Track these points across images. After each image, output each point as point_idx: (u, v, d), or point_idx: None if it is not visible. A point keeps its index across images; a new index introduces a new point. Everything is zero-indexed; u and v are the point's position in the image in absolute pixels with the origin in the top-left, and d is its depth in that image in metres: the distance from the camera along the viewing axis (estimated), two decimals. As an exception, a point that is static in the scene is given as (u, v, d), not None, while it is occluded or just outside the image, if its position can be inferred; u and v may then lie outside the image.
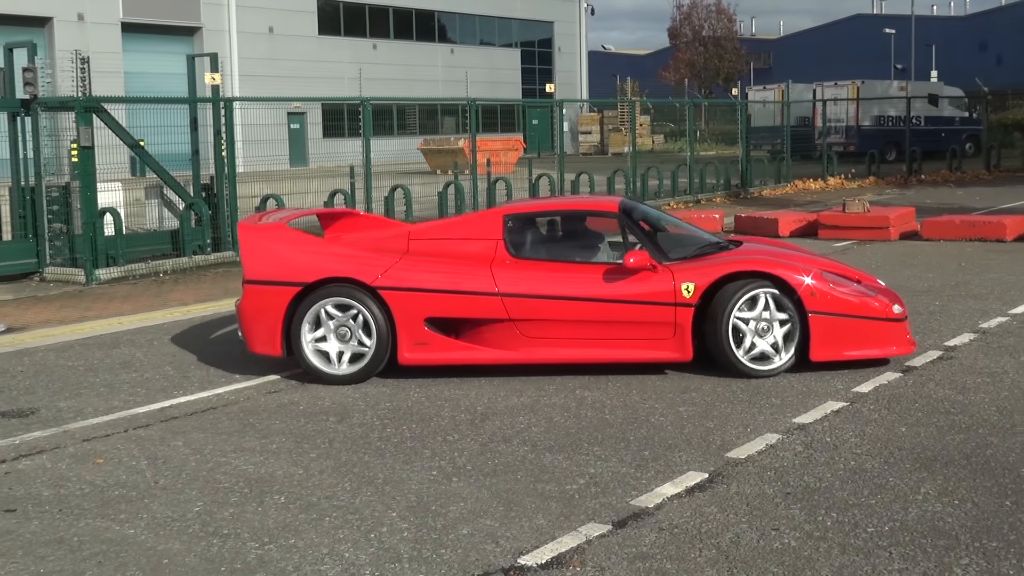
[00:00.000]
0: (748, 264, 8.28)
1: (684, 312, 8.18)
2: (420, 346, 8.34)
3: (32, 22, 38.74)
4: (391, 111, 47.69)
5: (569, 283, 8.33)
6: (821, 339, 8.16)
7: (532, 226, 9.01)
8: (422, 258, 8.59)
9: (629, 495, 5.77)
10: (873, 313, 8.27)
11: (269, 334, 8.46)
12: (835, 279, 8.44)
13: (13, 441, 7.07)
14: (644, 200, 24.34)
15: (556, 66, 63.11)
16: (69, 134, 14.94)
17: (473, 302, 8.32)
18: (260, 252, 8.67)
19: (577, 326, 8.30)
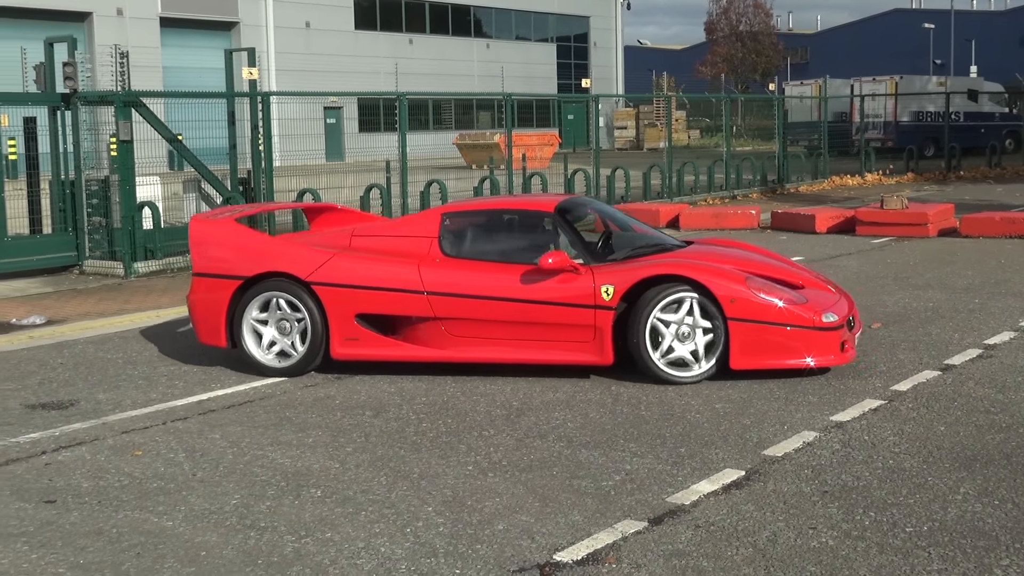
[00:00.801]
0: (669, 268, 8.05)
1: (604, 315, 8.00)
2: (351, 341, 8.44)
3: (72, 17, 39.03)
4: (427, 106, 47.81)
5: (492, 283, 8.28)
6: (741, 347, 7.85)
7: (468, 225, 8.91)
8: (359, 254, 8.68)
9: (665, 492, 5.75)
10: (798, 321, 7.87)
11: (214, 325, 8.71)
12: (767, 285, 8.06)
13: (53, 433, 7.14)
14: (670, 196, 24.25)
15: (592, 61, 62.94)
16: (108, 128, 15.06)
17: (400, 299, 8.37)
18: (207, 246, 8.92)
19: (500, 326, 8.25)
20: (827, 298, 8.41)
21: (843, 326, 8.11)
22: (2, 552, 5.13)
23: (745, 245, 9.58)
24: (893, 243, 16.41)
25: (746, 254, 9.04)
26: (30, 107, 15.09)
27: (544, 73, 59.05)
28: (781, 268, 8.81)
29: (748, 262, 8.67)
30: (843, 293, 8.81)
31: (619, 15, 65.26)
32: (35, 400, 8.03)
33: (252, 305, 8.59)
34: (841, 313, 8.19)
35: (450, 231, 8.76)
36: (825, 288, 8.69)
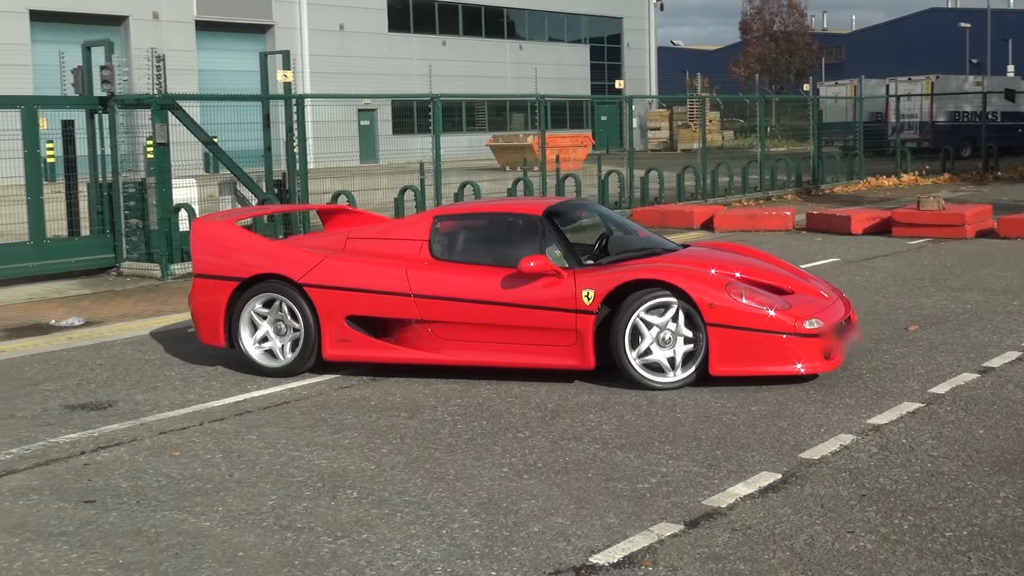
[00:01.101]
0: (648, 272, 7.98)
1: (584, 319, 7.95)
2: (343, 343, 8.52)
3: (109, 21, 39.38)
4: (460, 108, 47.91)
5: (477, 286, 8.29)
6: (720, 352, 7.74)
7: (458, 229, 8.90)
8: (351, 256, 8.75)
9: (701, 495, 5.73)
10: (777, 327, 7.74)
11: (213, 326, 8.87)
12: (749, 290, 7.91)
13: (92, 433, 7.20)
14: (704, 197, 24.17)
15: (625, 62, 62.85)
16: (145, 131, 15.18)
17: (389, 302, 8.43)
18: (207, 248, 9.10)
19: (484, 330, 8.27)
20: (815, 304, 8.16)
21: (828, 333, 7.92)
22: (43, 551, 5.18)
23: (747, 250, 9.38)
24: (930, 244, 16.29)
25: (741, 259, 8.85)
26: (68, 110, 15.23)
27: (577, 74, 59.02)
28: (773, 273, 8.62)
29: (739, 267, 8.47)
30: (840, 299, 8.57)
31: (652, 16, 65.13)
32: (74, 401, 8.10)
33: (248, 306, 8.72)
34: (829, 319, 7.99)
35: (440, 234, 8.78)
36: (817, 294, 8.44)
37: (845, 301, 8.64)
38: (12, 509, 5.77)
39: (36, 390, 8.46)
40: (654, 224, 19.83)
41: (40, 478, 6.28)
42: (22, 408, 7.90)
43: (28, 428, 7.36)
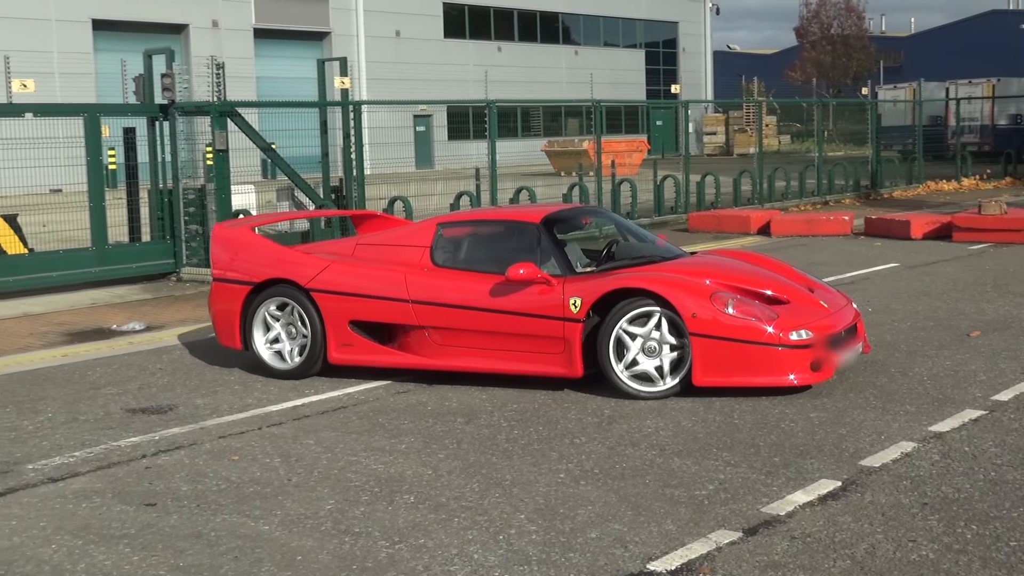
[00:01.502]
0: (632, 281, 7.92)
1: (572, 327, 7.94)
2: (346, 347, 8.69)
3: (169, 29, 39.89)
4: (515, 113, 47.93)
5: (471, 293, 8.35)
6: (703, 362, 7.64)
7: (459, 236, 8.98)
8: (357, 262, 8.95)
9: (760, 502, 5.69)
10: (761, 338, 7.60)
11: (229, 328, 9.13)
12: (738, 300, 7.76)
13: (153, 437, 7.28)
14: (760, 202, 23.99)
15: (681, 66, 62.62)
16: (204, 138, 15.34)
17: (388, 307, 8.55)
18: (225, 253, 9.37)
19: (478, 336, 8.33)
20: (808, 314, 7.97)
21: (818, 345, 7.76)
22: (105, 553, 5.25)
23: (758, 259, 9.16)
24: (991, 249, 16.06)
25: (744, 268, 8.68)
26: (130, 118, 15.45)
27: (632, 79, 58.88)
28: (772, 282, 8.39)
29: (737, 276, 8.33)
30: (844, 310, 8.38)
31: (708, 20, 64.84)
32: (135, 404, 8.20)
33: (260, 310, 8.95)
34: (821, 330, 7.82)
35: (442, 241, 8.88)
36: (815, 304, 8.21)
37: (852, 312, 8.46)
38: (76, 511, 5.86)
39: (98, 394, 8.57)
40: (710, 229, 19.75)
41: (102, 481, 6.37)
42: (85, 412, 8.02)
43: (91, 431, 7.46)
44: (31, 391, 8.73)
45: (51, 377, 9.25)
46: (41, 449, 7.06)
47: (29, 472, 6.58)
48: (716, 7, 65.39)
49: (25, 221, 14.27)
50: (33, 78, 14.35)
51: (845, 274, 13.90)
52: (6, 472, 6.59)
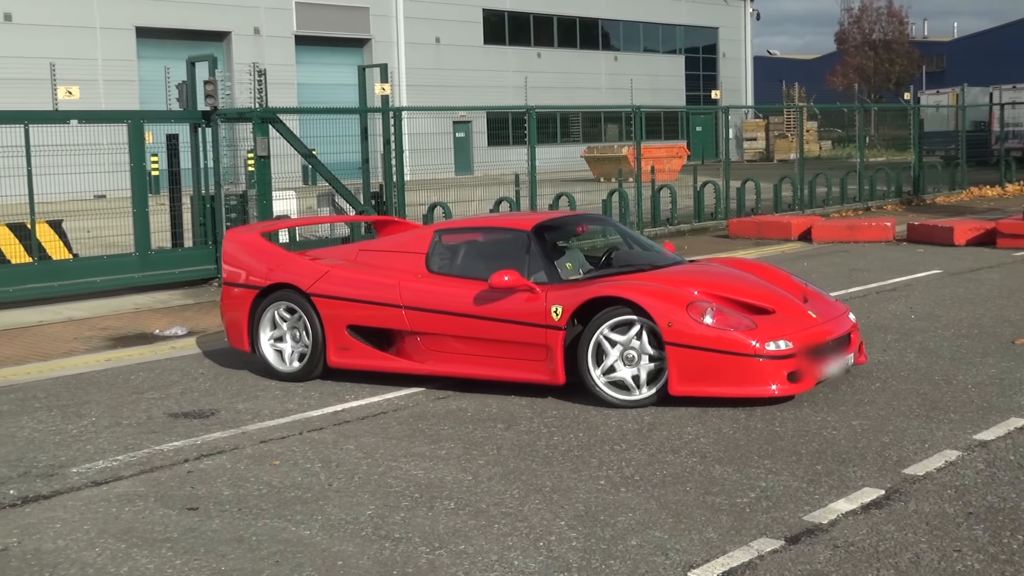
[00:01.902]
0: (611, 290, 7.90)
1: (554, 335, 7.96)
2: (344, 351, 8.88)
3: (212, 36, 40.22)
4: (555, 119, 47.96)
5: (459, 299, 8.42)
6: (679, 372, 7.60)
7: (454, 243, 9.06)
8: (356, 268, 9.12)
9: (802, 510, 5.64)
10: (736, 348, 7.53)
11: (238, 331, 9.41)
12: (716, 310, 7.71)
13: (195, 441, 7.33)
14: (801, 208, 23.84)
15: (721, 72, 62.39)
16: (246, 144, 15.45)
17: (383, 313, 8.72)
18: (234, 258, 9.66)
19: (466, 342, 8.42)
20: (792, 325, 7.87)
21: (799, 355, 7.67)
22: (148, 557, 5.29)
23: (755, 267, 9.07)
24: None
25: (736, 277, 8.59)
26: (173, 124, 15.59)
27: (672, 85, 58.75)
28: (761, 292, 8.28)
29: (726, 286, 8.25)
30: (836, 320, 8.26)
31: (748, 25, 64.59)
32: (177, 409, 8.26)
33: (266, 313, 9.18)
34: (802, 341, 7.74)
35: (438, 248, 9.00)
36: (803, 314, 8.09)
37: (846, 323, 8.36)
38: (119, 515, 5.90)
39: (141, 398, 8.65)
40: (751, 235, 19.67)
41: (145, 485, 6.42)
42: (128, 416, 8.09)
43: (134, 436, 7.52)
44: (75, 395, 8.82)
45: (95, 381, 9.34)
46: (85, 453, 7.13)
47: (73, 476, 6.65)
48: (756, 12, 65.14)
49: (70, 227, 14.43)
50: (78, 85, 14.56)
51: (887, 280, 13.79)
52: (51, 475, 6.66)
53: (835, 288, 13.18)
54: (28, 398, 8.76)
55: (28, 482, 6.54)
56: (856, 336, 8.46)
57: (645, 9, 58.03)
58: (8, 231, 13.72)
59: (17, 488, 6.43)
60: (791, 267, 15.26)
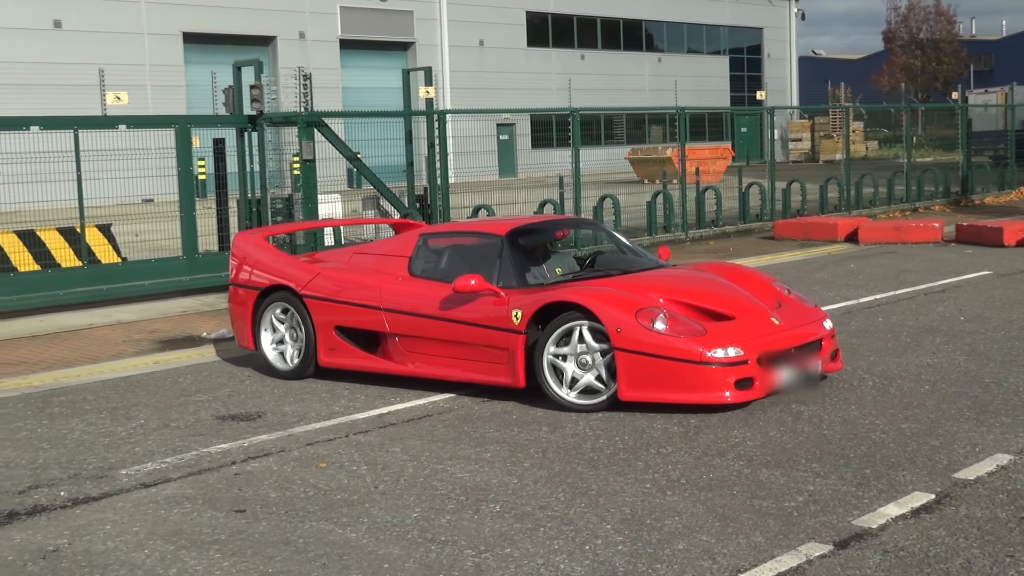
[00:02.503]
0: (564, 295, 7.96)
1: (515, 339, 8.05)
2: (332, 351, 9.16)
3: (257, 41, 40.50)
4: (598, 121, 47.86)
5: (431, 302, 8.59)
6: (627, 377, 7.63)
7: (436, 247, 9.21)
8: (345, 270, 9.38)
9: (851, 514, 5.59)
10: (680, 355, 7.54)
11: (242, 330, 9.80)
12: (668, 315, 7.72)
13: (242, 443, 7.38)
14: (848, 209, 23.63)
15: (765, 72, 62.03)
16: (291, 148, 15.53)
17: (365, 314, 8.96)
18: (240, 259, 9.98)
19: (438, 344, 8.60)
20: (749, 331, 7.82)
21: (751, 363, 7.63)
22: (196, 559, 5.33)
23: (735, 272, 9.00)
24: (1089, 257, 15.65)
25: (705, 282, 8.58)
26: (219, 129, 15.70)
27: (716, 86, 58.48)
28: (729, 298, 8.23)
29: (691, 291, 8.25)
30: (804, 328, 8.19)
31: (793, 25, 64.20)
32: (224, 411, 8.32)
33: (267, 313, 9.52)
34: (755, 349, 7.68)
35: (421, 252, 9.17)
36: (763, 321, 8.02)
37: (817, 331, 8.27)
38: (167, 517, 5.95)
39: (189, 401, 8.72)
40: (797, 237, 19.54)
41: (193, 487, 6.47)
42: (176, 418, 8.15)
43: (181, 438, 7.59)
44: (124, 397, 8.91)
45: (143, 384, 9.42)
46: (134, 455, 7.20)
47: (123, 477, 6.71)
48: (802, 12, 64.74)
49: (118, 231, 14.58)
50: (126, 91, 14.68)
51: (936, 282, 13.64)
52: (101, 477, 6.73)
53: (883, 290, 13.07)
54: (78, 400, 8.86)
55: (78, 484, 6.61)
56: (829, 344, 8.38)
57: (689, 10, 57.83)
58: (58, 235, 13.90)
59: (68, 489, 6.50)
60: (836, 269, 15.16)
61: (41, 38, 35.24)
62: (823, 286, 13.61)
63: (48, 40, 35.39)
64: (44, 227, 13.92)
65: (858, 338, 10.20)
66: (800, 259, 16.85)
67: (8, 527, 5.88)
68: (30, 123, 13.73)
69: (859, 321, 11.10)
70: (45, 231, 13.89)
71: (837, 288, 13.39)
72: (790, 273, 15.02)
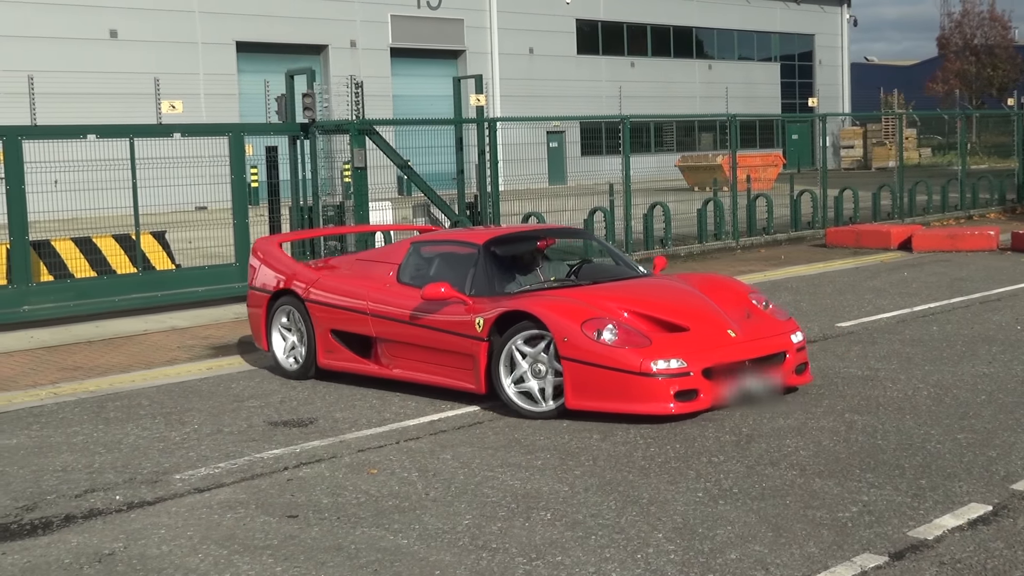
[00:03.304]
0: (521, 305, 8.15)
1: (478, 345, 8.26)
2: (329, 353, 9.48)
3: (309, 50, 40.80)
4: (648, 128, 47.72)
5: (411, 308, 8.83)
6: (573, 386, 7.77)
7: (423, 255, 9.46)
8: (343, 276, 9.71)
9: (906, 525, 5.53)
10: (622, 365, 7.64)
11: (257, 331, 10.24)
12: (615, 326, 7.82)
13: (294, 449, 7.43)
14: (901, 216, 23.39)
15: (817, 79, 61.61)
16: (342, 156, 15.63)
17: (355, 319, 9.28)
18: (257, 264, 10.43)
19: (415, 349, 8.88)
20: (698, 343, 7.88)
21: (695, 375, 7.68)
22: (249, 564, 5.37)
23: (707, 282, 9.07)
24: None
25: (670, 293, 8.68)
26: (272, 136, 15.83)
27: (767, 93, 58.16)
28: (688, 309, 8.29)
29: (649, 302, 8.33)
30: (764, 341, 8.18)
31: (845, 32, 63.74)
32: (277, 417, 8.38)
33: (277, 315, 9.93)
34: (700, 361, 7.74)
35: (409, 260, 9.45)
36: (718, 333, 8.06)
37: (779, 344, 8.25)
38: (221, 522, 6.00)
39: (242, 406, 8.79)
40: (849, 244, 19.37)
41: (246, 492, 6.51)
42: (229, 424, 8.22)
43: (235, 443, 7.65)
44: (178, 403, 9.00)
45: (197, 389, 9.51)
46: (188, 460, 7.27)
47: (177, 482, 6.77)
48: (854, 18, 64.24)
49: (172, 238, 14.73)
50: (181, 99, 14.83)
51: (991, 291, 13.47)
52: (155, 482, 6.80)
53: (937, 298, 12.92)
54: (133, 405, 8.96)
55: (133, 488, 6.69)
56: (794, 357, 8.34)
57: (740, 17, 57.56)
58: (114, 242, 14.08)
59: (123, 494, 6.57)
60: (890, 277, 15.00)
61: (98, 48, 35.73)
62: (876, 294, 13.48)
63: (105, 50, 35.88)
64: (100, 234, 14.11)
65: (912, 347, 10.10)
66: (852, 267, 16.70)
67: (65, 530, 5.96)
68: (87, 131, 13.92)
69: (913, 330, 10.98)
70: (101, 238, 14.08)
71: (891, 296, 13.26)
72: (842, 281, 14.90)
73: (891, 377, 8.90)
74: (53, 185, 13.64)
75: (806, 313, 12.20)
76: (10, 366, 10.90)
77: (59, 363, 10.96)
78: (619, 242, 18.51)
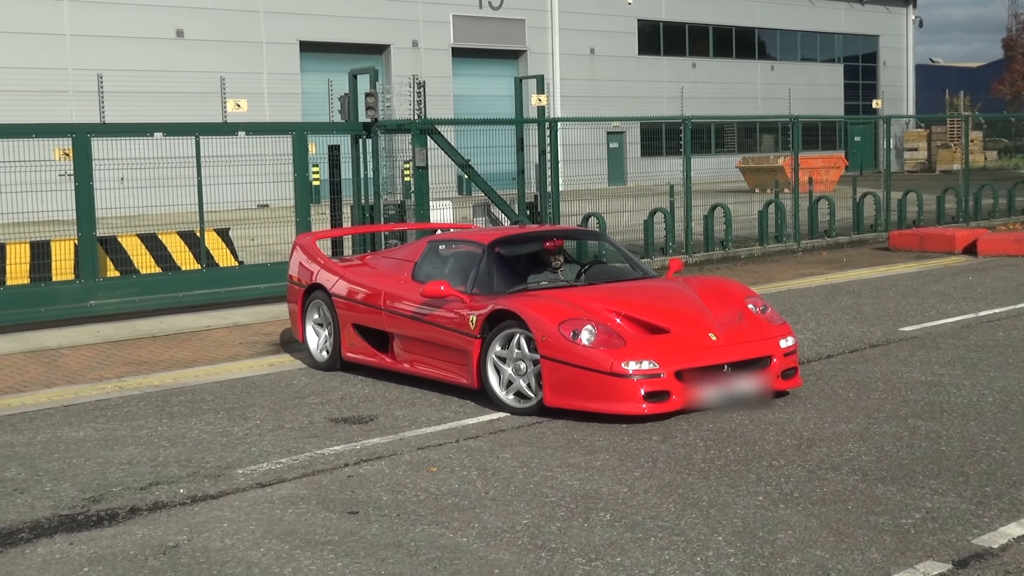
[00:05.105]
0: (506, 304, 8.35)
1: (472, 342, 8.53)
2: (351, 347, 9.86)
3: (372, 50, 41.05)
4: (709, 129, 47.49)
5: (420, 305, 9.11)
6: (551, 384, 7.97)
7: (437, 254, 9.79)
8: (366, 272, 10.06)
9: (970, 533, 5.46)
10: (594, 365, 7.76)
11: (295, 322, 10.69)
12: (594, 327, 7.92)
13: (355, 446, 7.49)
14: (965, 220, 23.07)
15: (881, 81, 60.94)
16: (403, 155, 15.71)
17: (372, 315, 9.61)
18: (296, 258, 10.84)
19: (421, 345, 9.17)
20: (675, 346, 7.96)
21: (667, 376, 7.76)
22: (310, 559, 5.42)
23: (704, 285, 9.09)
24: None
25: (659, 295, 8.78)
26: (335, 136, 15.96)
27: (830, 94, 57.62)
28: (673, 312, 8.37)
29: (636, 305, 8.42)
30: (745, 346, 8.19)
31: (910, 33, 62.98)
32: (338, 414, 8.45)
33: (310, 309, 10.33)
34: (673, 363, 7.81)
35: (425, 258, 9.78)
36: (699, 336, 8.10)
37: (763, 348, 8.23)
38: (282, 517, 6.07)
39: (303, 403, 8.87)
40: (913, 248, 19.15)
41: (307, 488, 6.58)
42: (290, 420, 8.30)
43: (296, 439, 7.72)
44: (241, 398, 9.10)
45: (259, 385, 9.62)
46: (250, 455, 7.35)
47: (239, 477, 6.86)
48: (919, 19, 63.45)
49: (235, 235, 14.90)
50: (246, 98, 15.00)
51: (1059, 297, 13.25)
52: (219, 476, 6.88)
53: (1002, 304, 12.74)
54: (196, 400, 9.08)
55: (197, 482, 6.78)
56: (781, 362, 8.30)
57: (803, 18, 57.07)
58: (179, 239, 14.27)
59: (187, 487, 6.66)
60: (954, 282, 14.81)
61: (164, 47, 36.20)
62: (940, 299, 13.31)
63: (171, 49, 36.34)
64: (165, 231, 14.30)
65: (977, 353, 9.96)
66: (915, 271, 16.51)
67: (130, 522, 6.05)
68: (154, 129, 14.13)
69: (978, 335, 10.84)
70: (166, 234, 14.28)
71: (955, 301, 13.09)
72: (905, 285, 14.73)
73: (955, 383, 8.80)
74: (120, 182, 13.85)
75: (868, 317, 12.08)
76: (77, 360, 11.09)
77: (124, 357, 11.13)
78: (679, 244, 18.44)
